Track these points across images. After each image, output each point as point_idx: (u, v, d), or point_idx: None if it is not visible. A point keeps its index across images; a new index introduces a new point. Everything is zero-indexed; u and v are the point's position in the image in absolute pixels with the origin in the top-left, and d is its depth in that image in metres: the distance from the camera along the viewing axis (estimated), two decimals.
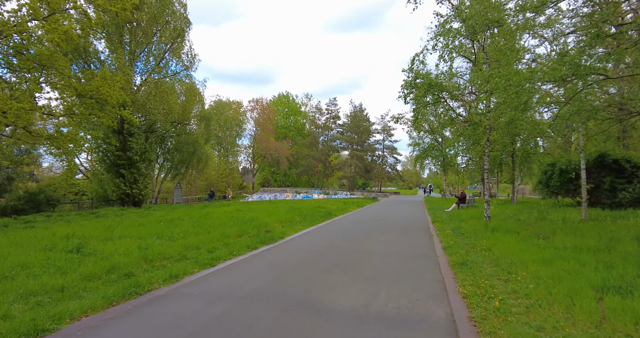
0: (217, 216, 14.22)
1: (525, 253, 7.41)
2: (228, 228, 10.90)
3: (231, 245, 8.60)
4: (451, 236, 10.67)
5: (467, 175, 42.30)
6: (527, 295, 4.93)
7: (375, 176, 57.28)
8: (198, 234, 9.74)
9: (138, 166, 26.05)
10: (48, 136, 14.92)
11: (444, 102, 12.19)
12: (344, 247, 8.71)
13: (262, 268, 6.35)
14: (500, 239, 9.34)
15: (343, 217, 16.77)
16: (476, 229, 11.42)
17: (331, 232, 11.48)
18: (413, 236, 10.87)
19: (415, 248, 8.80)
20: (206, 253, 7.51)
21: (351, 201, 28.87)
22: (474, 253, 8.02)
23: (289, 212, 17.26)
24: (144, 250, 7.08)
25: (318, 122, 57.90)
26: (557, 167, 19.48)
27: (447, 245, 9.10)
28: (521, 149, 22.93)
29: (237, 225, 11.82)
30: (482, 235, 10.36)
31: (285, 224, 13.08)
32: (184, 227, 10.80)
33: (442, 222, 14.35)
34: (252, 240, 9.18)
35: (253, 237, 9.88)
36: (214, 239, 9.11)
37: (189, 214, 15.68)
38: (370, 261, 7.15)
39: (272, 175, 64.51)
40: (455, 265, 6.83)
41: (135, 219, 13.45)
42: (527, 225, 12.37)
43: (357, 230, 11.94)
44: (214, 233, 9.86)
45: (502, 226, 11.47)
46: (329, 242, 9.44)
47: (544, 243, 8.57)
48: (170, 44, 27.03)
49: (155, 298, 4.69)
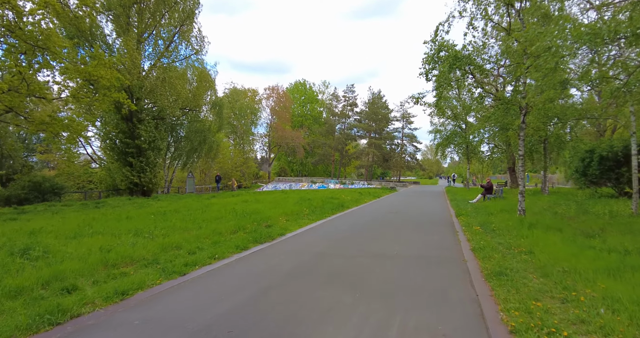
0: (217, 208, 13.04)
1: (579, 259, 5.86)
2: (224, 223, 9.67)
3: (220, 244, 7.35)
4: (480, 233, 9.13)
5: (491, 164, 40.04)
6: (604, 329, 3.44)
7: (394, 165, 55.30)
8: (186, 230, 8.53)
9: (147, 154, 25.21)
10: (40, 121, 13.97)
11: (472, 78, 10.50)
12: (351, 248, 7.31)
13: (242, 280, 5.01)
14: (542, 238, 7.77)
15: (356, 209, 15.35)
16: (509, 225, 9.82)
17: (340, 228, 10.10)
18: (435, 233, 9.37)
19: (437, 249, 7.33)
20: (186, 256, 6.27)
21: (367, 191, 27.37)
22: (511, 257, 6.50)
23: (298, 203, 15.96)
24: (107, 252, 5.87)
25: (335, 109, 56.10)
26: (597, 154, 17.46)
27: (476, 245, 7.59)
28: (554, 134, 20.84)
29: (236, 218, 10.59)
30: (517, 232, 8.78)
31: (290, 217, 11.78)
32: (174, 221, 9.62)
33: (467, 216, 12.76)
34: (246, 237, 7.90)
35: (250, 233, 8.62)
36: (202, 236, 7.88)
37: (191, 205, 14.58)
38: (381, 269, 5.74)
39: (288, 165, 63.35)
40: (491, 275, 5.35)
41: (128, 211, 12.40)
42: (568, 220, 10.68)
43: (369, 226, 10.52)
44: (206, 229, 8.64)
45: (540, 221, 9.82)
46: (335, 241, 8.06)
47: (599, 245, 6.94)
48: (179, 26, 25.78)
49: (76, 331, 3.41)
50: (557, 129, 20.82)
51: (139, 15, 23.86)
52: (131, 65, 22.16)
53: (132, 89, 23.28)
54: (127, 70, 22.42)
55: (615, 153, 16.34)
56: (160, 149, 26.79)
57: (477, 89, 10.49)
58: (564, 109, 14.01)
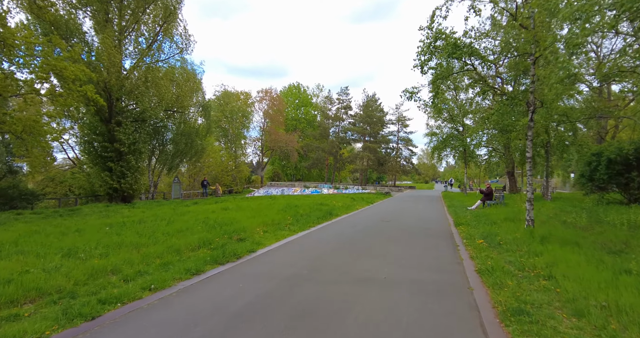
0: (190, 217, 11.67)
1: (618, 290, 4.58)
2: (188, 237, 8.32)
3: (171, 266, 6.00)
4: (485, 248, 7.85)
5: (488, 168, 38.81)
6: None
7: (389, 169, 54.09)
8: (137, 247, 7.17)
9: (127, 159, 23.80)
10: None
11: (474, 70, 9.27)
12: (331, 270, 5.99)
13: (165, 330, 3.66)
14: (560, 256, 6.49)
15: (346, 218, 14.03)
16: (517, 238, 8.55)
17: (323, 241, 8.77)
18: (432, 248, 8.07)
19: (435, 271, 6.02)
20: (117, 285, 4.92)
21: (361, 197, 26.06)
22: (528, 283, 5.21)
23: (283, 211, 14.63)
24: (6, 285, 4.49)
25: (328, 112, 54.87)
26: (604, 157, 16.26)
27: (483, 265, 6.29)
28: (556, 136, 19.68)
29: (205, 230, 9.23)
30: (529, 248, 7.51)
31: (270, 228, 10.45)
32: (128, 235, 8.24)
33: (467, 225, 11.49)
34: (207, 256, 6.56)
35: (214, 249, 7.28)
36: (153, 256, 6.53)
37: (163, 214, 13.20)
38: (363, 303, 4.42)
39: (282, 169, 61.95)
40: (507, 314, 4.06)
41: (86, 222, 11.00)
42: (582, 232, 9.43)
43: (357, 238, 9.19)
44: (162, 246, 7.29)
45: (552, 233, 8.54)
46: (313, 259, 6.74)
47: (636, 268, 5.65)
48: (162, 23, 24.48)
49: None
50: (560, 132, 19.69)
51: (119, 11, 22.56)
52: (109, 64, 20.82)
53: (110, 88, 21.92)
54: (105, 69, 21.09)
55: (625, 156, 15.15)
56: (142, 152, 25.36)
57: (478, 84, 9.26)
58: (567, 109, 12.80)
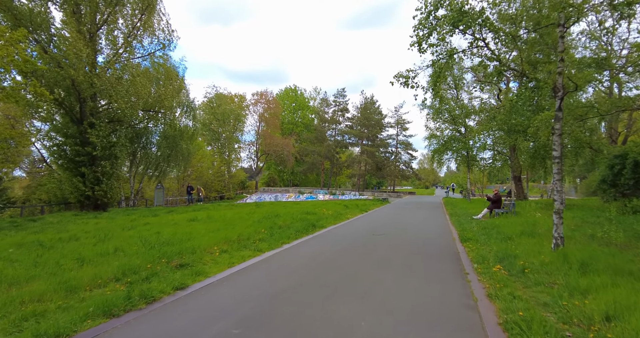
0: (137, 232, 9.63)
1: None
2: (111, 262, 6.28)
3: (41, 318, 3.96)
4: (505, 279, 5.76)
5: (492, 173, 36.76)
6: None
7: (388, 174, 52.01)
8: (15, 283, 5.12)
9: (102, 164, 21.79)
10: None
11: (485, 46, 7.29)
12: (284, 323, 3.91)
13: None
14: (619, 297, 4.43)
15: (332, 230, 11.95)
16: (545, 262, 6.47)
17: (290, 266, 6.68)
18: (432, 279, 5.97)
19: (438, 327, 3.94)
20: None
21: (355, 203, 23.95)
22: None
23: (260, 222, 12.58)
24: None
25: (325, 115, 52.95)
26: (630, 159, 14.27)
27: (510, 315, 4.20)
28: (572, 136, 17.64)
29: (142, 252, 7.17)
30: (566, 280, 5.43)
31: (232, 246, 8.39)
32: (19, 264, 6.20)
33: (476, 242, 9.40)
34: (109, 298, 4.50)
35: (132, 284, 5.24)
36: (26, 299, 4.49)
37: (112, 228, 11.16)
38: None
39: (278, 174, 59.86)
40: None
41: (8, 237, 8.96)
42: (624, 252, 7.35)
43: (336, 262, 7.11)
44: (58, 279, 5.25)
45: (593, 257, 6.43)
46: (265, 300, 4.67)
47: None
48: (140, 16, 22.58)
49: None
50: (575, 132, 17.65)
51: (90, 2, 20.64)
52: (74, 59, 18.88)
53: (78, 86, 19.96)
54: (70, 64, 19.15)
55: None
56: (119, 157, 23.34)
57: (492, 63, 7.27)
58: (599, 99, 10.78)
